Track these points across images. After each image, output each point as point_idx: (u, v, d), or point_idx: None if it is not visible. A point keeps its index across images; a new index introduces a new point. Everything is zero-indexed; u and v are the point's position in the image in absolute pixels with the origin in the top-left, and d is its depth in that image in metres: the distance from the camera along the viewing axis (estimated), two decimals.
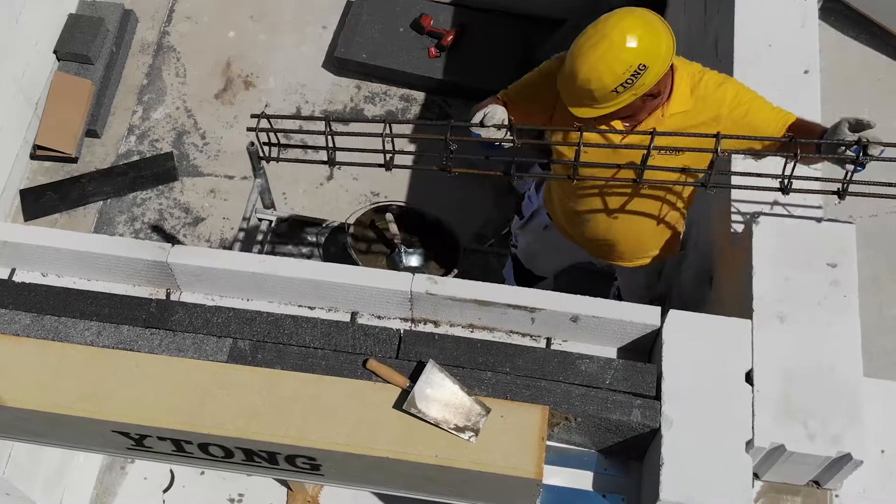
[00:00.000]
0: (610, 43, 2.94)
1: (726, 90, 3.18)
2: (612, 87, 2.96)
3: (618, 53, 2.93)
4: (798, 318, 2.77)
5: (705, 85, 3.19)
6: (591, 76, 2.96)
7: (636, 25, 2.98)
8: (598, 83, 2.96)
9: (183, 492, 4.55)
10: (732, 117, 3.15)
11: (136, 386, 2.69)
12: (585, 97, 3.02)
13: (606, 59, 2.94)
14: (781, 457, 2.64)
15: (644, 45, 2.96)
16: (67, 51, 5.78)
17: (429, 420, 2.64)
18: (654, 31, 3.01)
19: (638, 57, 2.94)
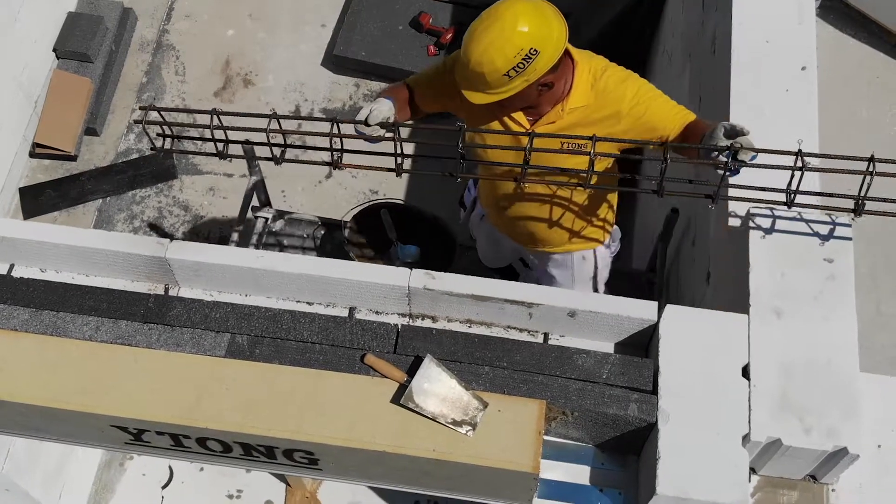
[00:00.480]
0: (501, 26, 2.98)
1: (627, 87, 3.20)
2: (503, 70, 3.00)
3: (509, 36, 2.97)
4: (795, 313, 2.77)
5: (606, 80, 3.21)
6: (483, 59, 2.99)
7: (527, 11, 3.02)
8: (491, 66, 3.00)
9: (182, 488, 4.56)
10: (633, 114, 3.19)
11: (134, 380, 2.70)
12: (479, 82, 3.06)
13: (498, 42, 2.97)
14: (778, 451, 2.64)
15: (535, 29, 2.99)
16: (67, 49, 5.80)
17: (426, 414, 2.64)
18: (546, 16, 3.04)
19: (529, 41, 2.98)
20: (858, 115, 5.90)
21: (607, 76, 3.22)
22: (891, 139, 5.86)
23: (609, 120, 3.20)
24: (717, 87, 3.63)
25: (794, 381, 2.67)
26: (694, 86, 4.17)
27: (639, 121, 3.19)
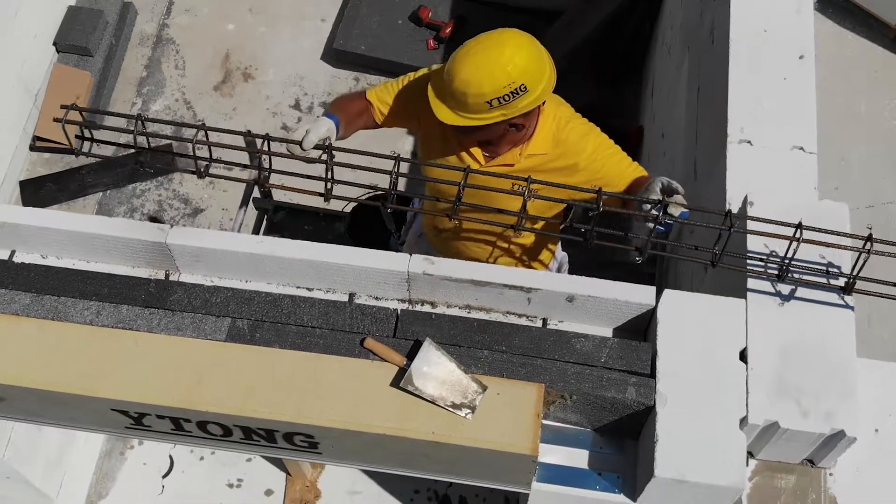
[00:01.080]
0: (501, 52, 2.95)
1: (588, 141, 3.20)
2: (488, 96, 2.96)
3: (506, 65, 2.93)
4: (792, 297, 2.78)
5: (569, 132, 3.20)
6: (471, 79, 2.94)
7: (531, 46, 3.01)
8: (477, 89, 2.95)
9: (182, 477, 4.58)
10: (589, 169, 3.19)
11: (135, 364, 2.71)
12: (457, 101, 3.01)
13: (494, 67, 2.93)
14: (775, 434, 2.66)
15: (533, 67, 2.97)
16: (67, 43, 5.82)
17: (426, 397, 2.65)
18: (543, 59, 3.03)
19: (523, 76, 2.95)
20: (857, 109, 5.92)
21: (570, 128, 3.21)
22: (889, 133, 5.88)
23: (565, 171, 3.20)
24: (715, 77, 3.65)
25: (792, 364, 2.68)
26: (693, 77, 4.19)
27: (594, 175, 3.19)
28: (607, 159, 3.21)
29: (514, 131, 3.15)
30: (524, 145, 3.23)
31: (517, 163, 3.24)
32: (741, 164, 3.24)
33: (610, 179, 3.18)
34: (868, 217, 5.47)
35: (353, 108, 3.32)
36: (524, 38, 3.02)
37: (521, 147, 3.23)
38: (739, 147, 3.26)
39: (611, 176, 3.19)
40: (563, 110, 3.25)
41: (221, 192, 5.63)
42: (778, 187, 3.19)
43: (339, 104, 3.32)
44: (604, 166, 3.19)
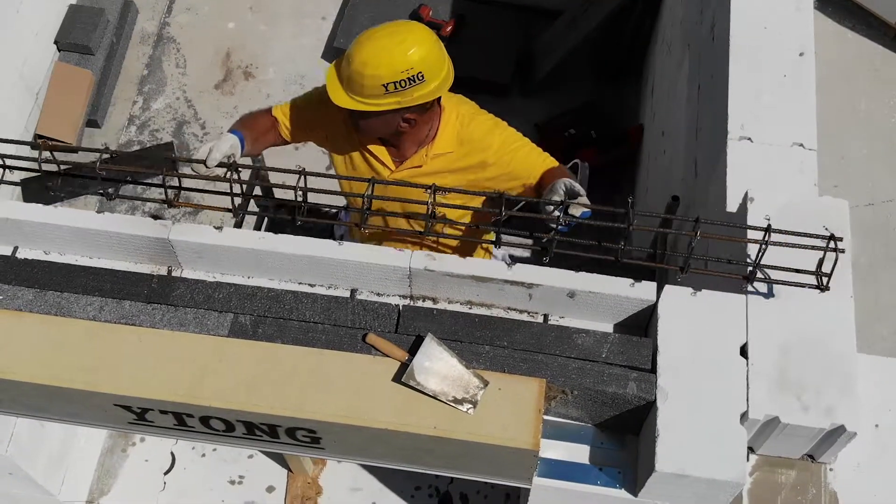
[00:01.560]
0: (404, 38, 2.97)
1: (494, 136, 3.21)
2: (385, 79, 2.97)
3: (406, 49, 2.95)
4: (792, 293, 2.79)
5: (473, 130, 3.22)
6: (371, 61, 2.96)
7: (433, 39, 3.03)
8: (374, 70, 2.96)
9: (184, 474, 4.59)
10: (498, 164, 3.21)
11: (138, 360, 2.72)
12: (354, 83, 3.02)
13: (394, 50, 2.95)
14: (776, 429, 2.66)
15: (432, 59, 2.99)
16: (68, 41, 5.82)
17: (427, 392, 2.66)
18: (443, 56, 3.05)
19: (422, 64, 2.97)
20: (857, 108, 5.93)
21: (475, 125, 3.22)
22: (889, 131, 5.90)
23: (475, 168, 3.22)
24: (715, 74, 3.66)
25: (792, 360, 2.69)
26: (693, 74, 4.20)
27: (504, 170, 3.21)
28: (515, 153, 3.22)
29: (407, 127, 3.14)
30: (429, 146, 3.24)
31: (425, 164, 3.26)
32: (742, 161, 3.25)
33: (520, 173, 3.21)
34: (868, 215, 5.49)
35: (260, 125, 3.33)
36: (427, 32, 3.05)
37: (426, 148, 3.24)
38: (740, 144, 3.27)
39: (521, 169, 3.21)
40: (466, 108, 3.27)
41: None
42: (778, 184, 3.20)
43: (245, 121, 3.33)
44: (513, 160, 3.21)
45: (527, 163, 3.22)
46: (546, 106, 5.99)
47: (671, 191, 4.26)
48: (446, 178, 3.23)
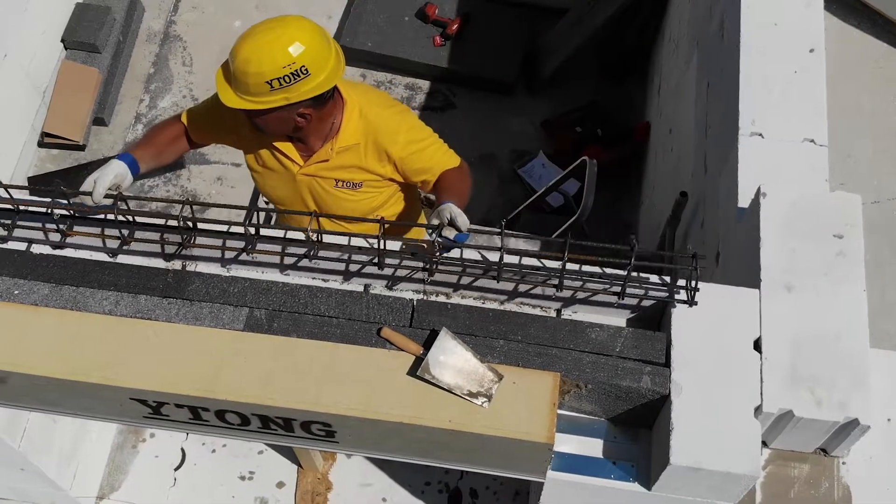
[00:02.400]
0: (282, 33, 2.95)
1: (399, 130, 3.22)
2: (268, 76, 2.93)
3: (286, 44, 2.92)
4: (805, 287, 2.80)
5: (377, 121, 3.20)
6: (251, 58, 2.93)
7: (313, 31, 3.00)
8: (257, 68, 2.93)
9: (194, 469, 4.59)
10: (401, 156, 3.23)
11: (154, 354, 2.72)
12: (240, 82, 2.99)
13: (274, 46, 2.92)
14: (789, 423, 2.68)
15: (314, 51, 2.95)
16: (75, 39, 5.83)
17: (442, 386, 2.67)
18: (328, 46, 3.02)
19: (304, 58, 2.93)
20: (861, 105, 5.94)
21: (379, 117, 3.21)
22: (894, 128, 5.91)
23: (381, 160, 3.24)
24: (725, 71, 3.68)
25: (805, 354, 2.70)
26: (702, 72, 4.21)
27: (406, 162, 3.24)
28: (423, 150, 3.25)
29: (304, 122, 3.12)
30: (334, 139, 3.24)
31: (331, 158, 3.27)
32: (753, 157, 3.27)
33: (423, 165, 3.27)
34: (874, 213, 5.50)
35: (165, 136, 3.32)
36: (308, 23, 3.03)
37: (331, 142, 3.24)
38: (751, 140, 3.29)
39: (424, 161, 3.27)
40: (370, 99, 3.24)
41: (229, 189, 5.66)
42: (789, 179, 3.22)
43: (150, 134, 3.31)
44: (416, 151, 3.25)
45: (432, 160, 3.27)
46: (552, 104, 6.01)
47: (679, 187, 4.27)
48: (354, 172, 3.26)
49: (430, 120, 5.78)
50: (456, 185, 3.23)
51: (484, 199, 5.67)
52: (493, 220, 5.56)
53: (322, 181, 3.28)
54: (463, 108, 6.04)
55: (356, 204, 3.34)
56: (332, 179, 3.26)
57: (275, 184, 3.36)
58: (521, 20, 6.18)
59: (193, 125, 3.35)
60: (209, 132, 3.39)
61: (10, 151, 5.46)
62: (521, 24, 6.16)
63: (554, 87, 6.06)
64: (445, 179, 3.26)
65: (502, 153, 5.87)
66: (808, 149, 3.29)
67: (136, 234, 2.92)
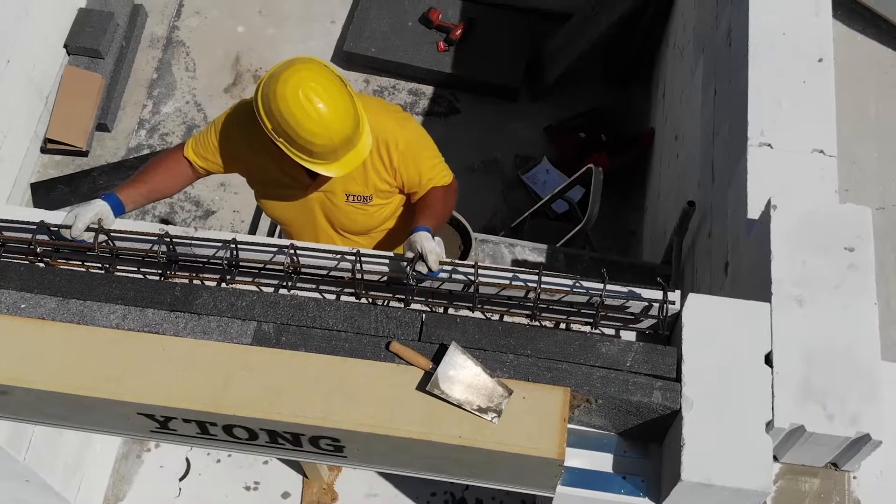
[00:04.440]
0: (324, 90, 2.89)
1: (400, 134, 3.19)
2: (348, 132, 2.95)
3: (334, 88, 2.91)
4: (816, 301, 2.79)
5: (379, 129, 3.16)
6: (347, 123, 2.94)
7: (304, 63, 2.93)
8: (340, 135, 2.94)
9: (199, 480, 4.57)
10: (401, 166, 3.23)
11: (161, 368, 2.71)
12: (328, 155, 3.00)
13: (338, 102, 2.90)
14: (801, 438, 2.66)
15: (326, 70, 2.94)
16: (78, 45, 5.82)
17: (452, 401, 2.66)
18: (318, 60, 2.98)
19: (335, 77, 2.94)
20: (867, 111, 5.93)
21: (379, 124, 3.17)
22: None
23: (386, 168, 3.23)
24: (733, 80, 3.66)
25: (817, 368, 2.69)
26: (708, 79, 4.20)
27: (402, 166, 3.22)
28: (414, 157, 3.23)
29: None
30: None
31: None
32: (762, 167, 3.25)
33: (420, 174, 3.26)
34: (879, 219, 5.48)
35: (166, 174, 3.27)
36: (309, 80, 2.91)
37: None
38: (760, 150, 3.27)
39: (421, 171, 3.26)
40: (371, 107, 3.18)
41: (233, 195, 5.64)
42: (799, 191, 3.20)
43: (143, 175, 3.26)
44: (412, 161, 3.23)
45: (423, 169, 3.25)
46: (556, 110, 6.00)
47: (685, 195, 4.26)
48: (363, 185, 3.25)
49: (433, 125, 5.79)
50: (437, 205, 3.22)
51: (488, 205, 5.66)
52: (497, 225, 5.55)
53: (332, 196, 3.27)
54: (466, 113, 6.02)
55: (368, 217, 3.32)
56: (342, 194, 3.25)
57: (285, 205, 3.34)
58: (525, 25, 6.17)
59: (199, 160, 3.29)
60: (219, 164, 3.33)
61: (13, 157, 5.44)
62: (524, 29, 6.15)
63: (558, 93, 6.05)
64: (429, 196, 3.26)
65: (506, 159, 5.86)
66: (818, 159, 3.27)
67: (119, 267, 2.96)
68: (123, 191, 3.15)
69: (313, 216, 3.35)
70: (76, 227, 2.93)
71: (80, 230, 2.93)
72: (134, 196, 3.17)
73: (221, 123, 3.27)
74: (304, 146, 2.95)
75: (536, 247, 4.55)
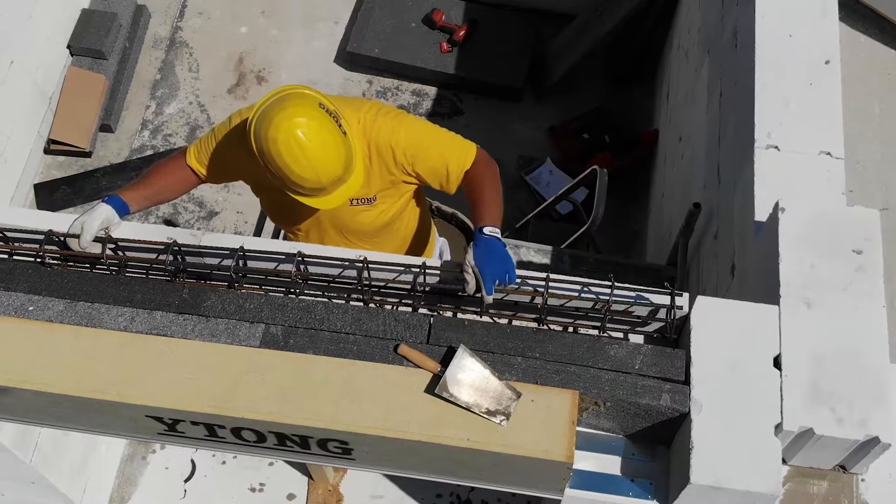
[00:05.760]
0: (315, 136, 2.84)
1: (399, 134, 3.13)
2: (348, 156, 2.92)
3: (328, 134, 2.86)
4: (824, 303, 2.78)
5: (378, 133, 3.12)
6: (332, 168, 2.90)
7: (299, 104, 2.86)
8: (338, 164, 2.91)
9: (204, 481, 4.57)
10: (411, 160, 3.16)
11: (170, 371, 2.71)
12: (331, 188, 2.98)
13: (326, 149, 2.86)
14: (809, 441, 2.66)
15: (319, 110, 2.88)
16: (81, 46, 5.81)
17: (460, 404, 2.65)
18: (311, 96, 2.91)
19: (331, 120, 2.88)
20: (871, 112, 5.92)
21: (378, 128, 3.13)
22: None
23: (389, 168, 3.18)
24: (739, 82, 3.66)
25: (826, 371, 2.69)
26: (713, 81, 4.19)
27: (417, 161, 3.16)
28: (428, 148, 3.16)
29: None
30: None
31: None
32: (769, 170, 3.25)
33: (434, 163, 3.18)
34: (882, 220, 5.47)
35: (170, 178, 3.25)
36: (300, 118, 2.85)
37: None
38: (767, 152, 3.27)
39: (433, 159, 3.17)
40: (366, 111, 3.15)
41: (236, 196, 5.64)
42: (806, 192, 3.20)
43: (147, 178, 3.23)
44: (420, 151, 3.16)
45: (443, 157, 3.16)
46: (559, 110, 5.99)
47: (690, 197, 4.25)
48: (365, 187, 3.20)
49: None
50: (487, 192, 3.12)
51: None
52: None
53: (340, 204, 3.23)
54: (470, 114, 6.02)
55: (374, 218, 3.31)
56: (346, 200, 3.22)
57: (290, 210, 3.33)
58: (528, 26, 6.17)
59: (201, 168, 3.27)
60: (221, 174, 3.32)
61: (17, 158, 5.44)
62: (527, 30, 6.15)
63: (561, 94, 6.04)
64: (472, 189, 3.15)
65: (509, 159, 5.85)
66: (825, 161, 3.27)
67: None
68: (127, 193, 3.13)
69: (318, 221, 3.34)
70: (84, 238, 2.92)
71: (88, 241, 2.92)
72: (138, 199, 3.15)
73: (223, 136, 3.21)
74: (293, 184, 2.94)
75: (541, 248, 4.54)
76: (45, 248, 2.93)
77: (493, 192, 3.12)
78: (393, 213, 3.36)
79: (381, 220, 3.33)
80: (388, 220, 3.36)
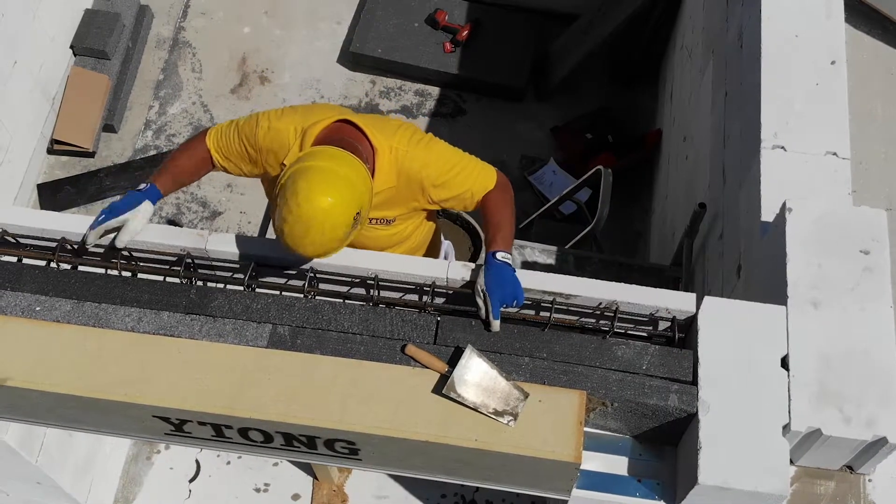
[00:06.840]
0: (320, 226, 2.78)
1: (429, 168, 3.11)
2: (343, 244, 2.88)
3: (333, 229, 2.79)
4: (832, 304, 2.79)
5: (411, 163, 3.09)
6: (320, 252, 2.86)
7: (329, 190, 2.79)
8: (330, 250, 2.86)
9: (209, 481, 4.57)
10: (438, 188, 3.14)
11: (177, 371, 2.71)
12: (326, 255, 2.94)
13: (324, 239, 2.81)
14: (817, 441, 2.66)
15: (348, 200, 2.82)
16: (84, 46, 5.81)
17: (468, 404, 2.65)
18: (348, 180, 2.84)
19: (348, 213, 2.82)
20: (874, 112, 5.92)
21: (411, 158, 3.09)
22: None
23: (415, 195, 3.16)
24: (745, 82, 3.66)
25: (833, 371, 2.69)
26: (718, 81, 4.19)
27: (443, 190, 3.15)
28: (454, 178, 3.14)
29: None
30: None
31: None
32: (775, 170, 3.25)
33: (461, 192, 3.16)
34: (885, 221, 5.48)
35: (190, 163, 3.21)
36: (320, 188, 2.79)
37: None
38: (773, 152, 3.27)
39: (461, 187, 3.16)
40: (398, 139, 3.11)
41: (239, 196, 5.64)
42: (812, 193, 3.20)
43: (171, 164, 3.19)
44: (450, 180, 3.14)
45: (467, 183, 3.15)
46: (562, 111, 5.99)
47: (695, 197, 4.25)
48: (387, 210, 3.19)
49: (439, 126, 5.79)
50: (502, 216, 3.13)
51: None
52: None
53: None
54: (473, 114, 6.02)
55: (389, 237, 3.28)
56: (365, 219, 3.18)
57: None
58: (531, 26, 6.16)
59: (219, 157, 3.21)
60: (237, 167, 3.26)
61: (20, 158, 5.43)
62: (531, 30, 6.14)
63: (564, 93, 6.04)
64: (489, 212, 3.15)
65: (512, 159, 5.85)
66: (831, 162, 3.27)
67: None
68: (159, 179, 3.10)
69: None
70: (120, 240, 2.93)
71: (125, 242, 2.93)
72: (167, 184, 3.12)
73: (245, 138, 3.15)
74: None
75: (545, 248, 4.54)
76: (59, 257, 2.94)
77: (507, 216, 3.13)
78: (409, 231, 3.35)
79: (395, 239, 3.31)
80: (404, 237, 3.34)
